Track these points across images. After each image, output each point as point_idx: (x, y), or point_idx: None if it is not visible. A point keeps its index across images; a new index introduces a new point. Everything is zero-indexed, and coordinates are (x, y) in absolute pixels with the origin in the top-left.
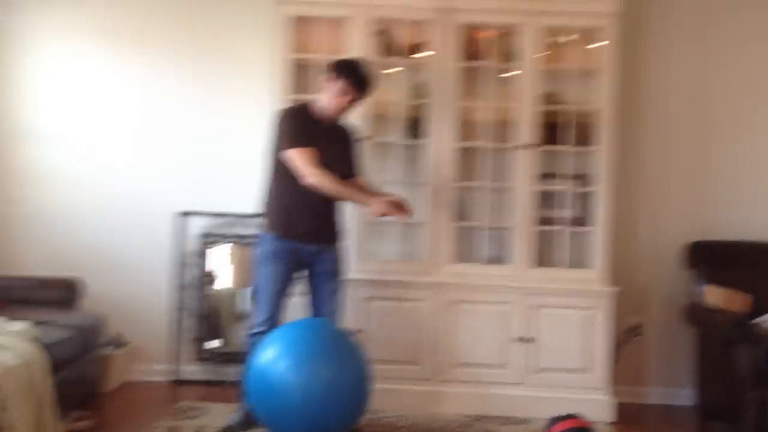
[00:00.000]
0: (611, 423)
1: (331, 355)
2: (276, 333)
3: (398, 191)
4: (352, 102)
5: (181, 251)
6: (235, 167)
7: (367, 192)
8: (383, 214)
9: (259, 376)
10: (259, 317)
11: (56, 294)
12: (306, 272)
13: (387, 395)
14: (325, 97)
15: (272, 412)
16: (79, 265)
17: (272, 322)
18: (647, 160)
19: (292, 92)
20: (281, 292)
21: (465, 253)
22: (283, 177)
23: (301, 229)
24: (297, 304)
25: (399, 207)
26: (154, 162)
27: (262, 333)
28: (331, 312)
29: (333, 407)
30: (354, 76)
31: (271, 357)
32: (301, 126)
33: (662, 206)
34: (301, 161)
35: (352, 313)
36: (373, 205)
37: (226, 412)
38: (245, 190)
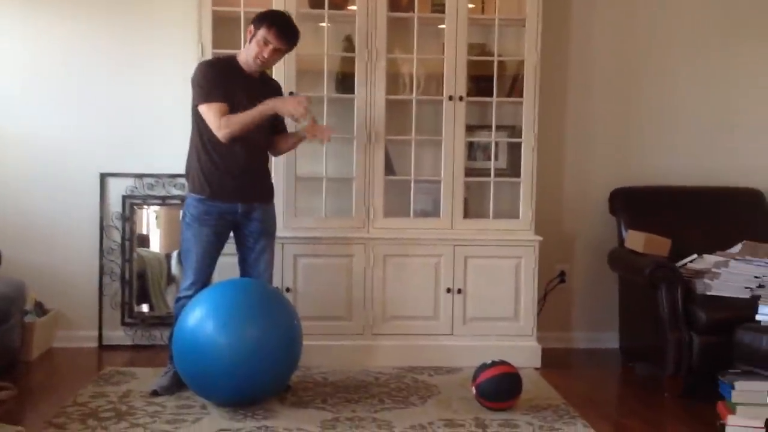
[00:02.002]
0: (538, 368)
1: (259, 314)
2: (203, 294)
3: (328, 147)
4: (274, 52)
5: (103, 214)
6: (158, 126)
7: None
8: (302, 116)
9: (187, 338)
10: (185, 282)
11: None
12: (235, 232)
13: (318, 351)
14: (248, 47)
15: (201, 374)
16: None
17: (199, 287)
18: (572, 109)
19: (217, 46)
20: (208, 257)
21: (396, 207)
22: (201, 134)
23: (224, 189)
24: (227, 264)
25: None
26: (73, 123)
27: (189, 298)
28: (262, 271)
29: (262, 366)
30: (275, 24)
31: (198, 318)
32: (215, 79)
33: (588, 155)
34: (210, 115)
35: (283, 271)
36: (284, 106)
37: (153, 377)
38: (170, 150)
